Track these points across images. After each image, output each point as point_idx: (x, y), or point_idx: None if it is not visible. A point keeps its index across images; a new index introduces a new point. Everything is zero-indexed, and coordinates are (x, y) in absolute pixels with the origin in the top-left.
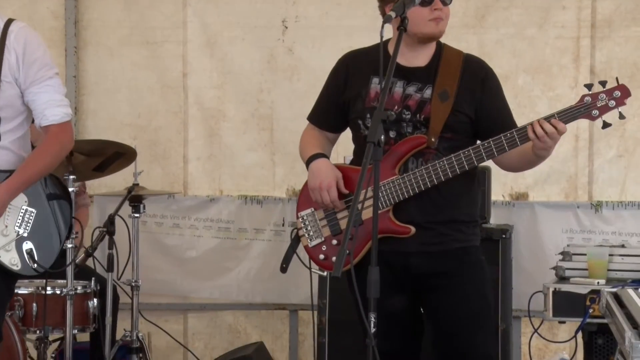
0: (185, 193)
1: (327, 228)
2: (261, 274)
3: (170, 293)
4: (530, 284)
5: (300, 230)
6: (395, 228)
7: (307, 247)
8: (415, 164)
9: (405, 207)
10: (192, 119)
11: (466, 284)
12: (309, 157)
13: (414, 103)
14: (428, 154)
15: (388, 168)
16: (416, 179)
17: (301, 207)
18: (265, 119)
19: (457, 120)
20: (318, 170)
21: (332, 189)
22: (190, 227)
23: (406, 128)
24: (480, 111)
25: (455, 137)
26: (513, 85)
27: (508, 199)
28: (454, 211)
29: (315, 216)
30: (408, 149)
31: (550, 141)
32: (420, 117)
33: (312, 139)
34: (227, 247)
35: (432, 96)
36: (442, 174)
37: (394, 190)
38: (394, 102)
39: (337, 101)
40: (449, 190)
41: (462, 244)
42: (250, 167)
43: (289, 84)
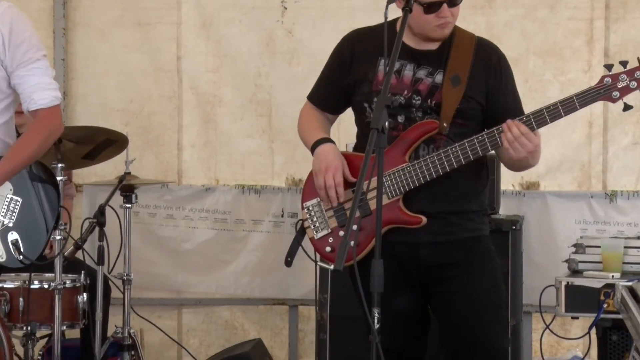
0: (180, 182)
1: (334, 219)
2: (259, 268)
3: (163, 287)
4: (542, 278)
5: (306, 222)
6: (406, 218)
7: (312, 239)
8: (426, 150)
9: (416, 196)
10: (186, 104)
11: (477, 274)
12: (316, 141)
13: (425, 88)
14: (439, 140)
15: (398, 155)
16: (427, 166)
17: (306, 197)
18: (263, 105)
19: (468, 106)
20: (324, 153)
21: (338, 173)
22: (185, 218)
23: (416, 113)
24: (491, 98)
25: (465, 124)
26: (523, 69)
27: (518, 189)
28: (464, 200)
29: (321, 206)
30: (419, 135)
31: (521, 148)
32: (432, 102)
33: (314, 121)
34: (224, 239)
35: (444, 81)
36: (455, 160)
37: (404, 178)
38: (404, 87)
39: (341, 82)
40: (459, 179)
41: (473, 234)
42: (248, 154)
43: (289, 68)
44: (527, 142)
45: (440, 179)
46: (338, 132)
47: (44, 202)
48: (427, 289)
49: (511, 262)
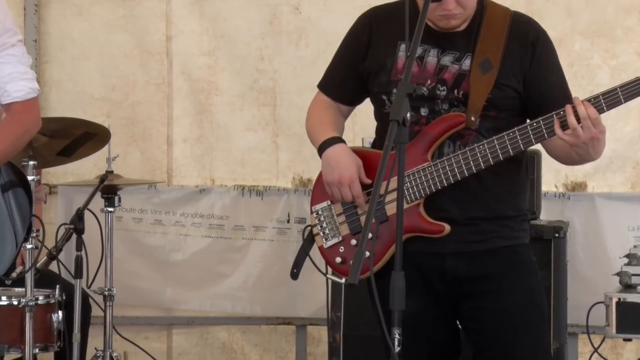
0: (170, 183)
1: (346, 225)
2: (262, 281)
3: (151, 304)
4: (589, 293)
5: (315, 228)
6: (425, 226)
7: (321, 248)
8: (451, 147)
9: (439, 200)
10: (177, 92)
11: (514, 288)
12: (323, 142)
13: (451, 77)
14: (467, 136)
15: (419, 153)
16: (452, 166)
17: (316, 199)
18: (266, 93)
19: (502, 95)
20: (336, 160)
21: (355, 184)
22: (176, 224)
23: (441, 105)
24: (530, 84)
25: (499, 116)
26: (568, 52)
27: (562, 190)
28: (498, 204)
29: (332, 210)
30: (443, 130)
31: (583, 134)
32: (459, 93)
33: (324, 115)
34: (220, 248)
35: (472, 67)
36: (482, 160)
37: (426, 179)
38: (427, 76)
39: (357, 69)
40: (492, 179)
41: (509, 242)
42: (249, 151)
43: (295, 50)
44: (591, 126)
45: (469, 179)
46: (353, 125)
47: (13, 208)
48: (456, 305)
49: (554, 275)
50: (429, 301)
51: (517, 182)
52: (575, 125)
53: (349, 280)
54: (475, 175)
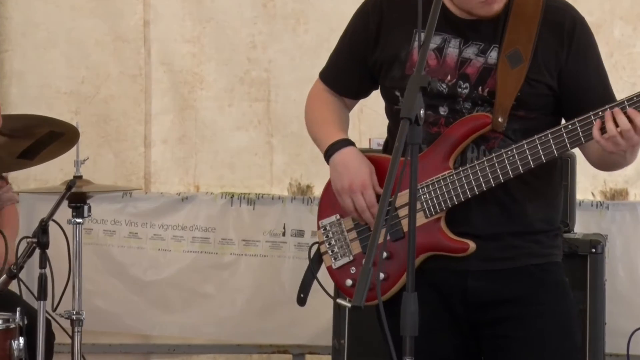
0: (147, 189)
1: (358, 243)
2: (253, 303)
3: (125, 330)
4: (631, 318)
5: (323, 246)
6: (447, 244)
7: (330, 269)
8: (475, 152)
9: (460, 211)
10: (156, 85)
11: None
12: (330, 147)
13: (474, 72)
14: (493, 139)
15: (439, 159)
16: (476, 175)
17: (323, 213)
18: (259, 86)
19: (532, 92)
20: (344, 165)
21: (368, 191)
22: (154, 237)
23: (463, 104)
24: (566, 80)
25: (529, 116)
26: (607, 39)
27: (600, 199)
28: (528, 217)
29: (342, 226)
30: (467, 133)
31: (624, 143)
32: (483, 91)
33: (328, 111)
34: (205, 265)
35: (499, 60)
36: (511, 168)
37: (447, 190)
38: (447, 70)
39: (365, 60)
40: (520, 187)
41: (540, 260)
42: (239, 153)
43: (293, 37)
44: (634, 135)
45: (495, 189)
46: (359, 123)
47: None
48: (478, 331)
49: (590, 296)
50: (447, 327)
51: (549, 190)
52: (614, 132)
53: (354, 303)
54: (501, 183)
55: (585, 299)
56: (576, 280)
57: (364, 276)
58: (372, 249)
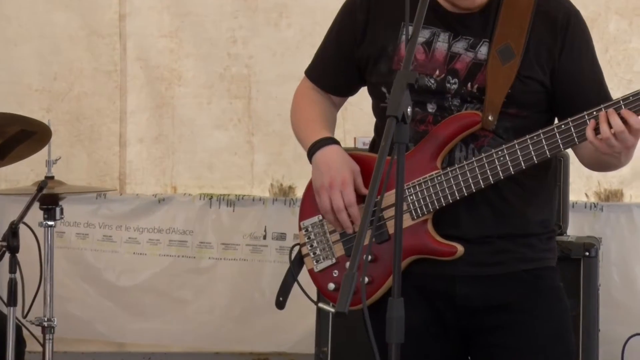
0: (122, 191)
1: (341, 245)
2: (232, 310)
3: (99, 337)
4: (625, 324)
5: (304, 248)
6: (434, 247)
7: (312, 272)
8: (464, 152)
9: (449, 213)
10: (132, 81)
11: (538, 320)
12: (313, 145)
13: (464, 67)
14: (483, 137)
15: (427, 158)
16: (465, 176)
17: (305, 213)
18: (239, 83)
19: (524, 89)
20: (327, 162)
21: (348, 189)
22: (129, 240)
23: (451, 101)
24: (559, 77)
25: (520, 114)
26: (602, 34)
27: (594, 200)
28: (519, 219)
29: (324, 227)
30: (456, 131)
31: (618, 145)
32: (473, 87)
33: (314, 109)
34: (183, 269)
35: (489, 55)
36: (502, 169)
37: (435, 191)
38: (436, 65)
39: (352, 54)
40: (512, 188)
41: (533, 265)
42: (218, 152)
43: (275, 32)
44: (629, 137)
45: (486, 189)
46: (343, 121)
47: None
48: (467, 339)
49: (583, 302)
50: (435, 334)
51: (543, 190)
52: (608, 134)
53: (338, 309)
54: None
55: (579, 305)
56: (569, 285)
57: (348, 281)
58: (357, 252)
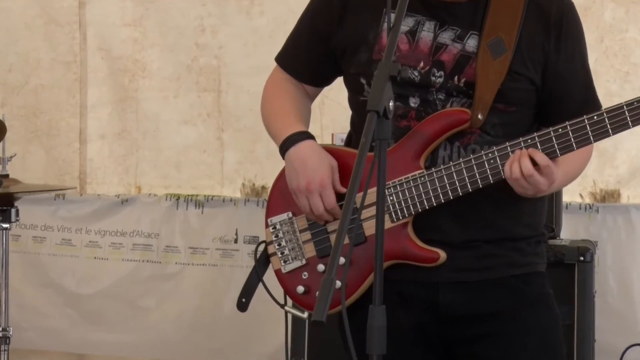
0: (83, 191)
1: (312, 245)
2: (200, 318)
3: (57, 348)
4: (623, 333)
5: (271, 246)
6: (415, 252)
7: (279, 273)
8: (448, 150)
9: (431, 215)
10: (93, 73)
11: (525, 331)
12: (286, 139)
13: (450, 59)
14: (469, 135)
15: (409, 157)
16: (451, 178)
17: (273, 209)
18: (208, 75)
19: (515, 86)
20: (302, 161)
21: (327, 191)
22: (90, 244)
23: (436, 94)
24: (550, 75)
25: (509, 109)
26: (597, 23)
27: (589, 201)
28: (507, 221)
29: (294, 225)
30: (442, 129)
31: (530, 187)
32: (459, 81)
33: (287, 101)
34: (147, 275)
35: (479, 48)
36: (492, 172)
37: (417, 193)
38: (420, 56)
39: (327, 41)
40: (499, 189)
41: (520, 270)
42: (185, 150)
43: (247, 20)
44: (540, 179)
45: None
46: (320, 115)
47: None
48: (451, 350)
49: (578, 310)
50: (417, 345)
51: None
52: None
53: (315, 317)
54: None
55: (573, 313)
56: (562, 292)
57: (326, 286)
58: (336, 255)
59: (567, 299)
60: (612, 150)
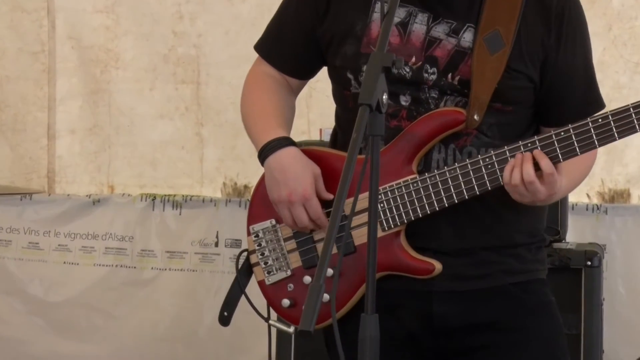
0: (51, 191)
1: (297, 255)
2: (178, 328)
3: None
4: (633, 343)
5: (254, 256)
6: (409, 263)
7: (262, 285)
8: (443, 153)
9: (426, 223)
10: (63, 64)
11: (526, 342)
12: (264, 146)
13: (444, 55)
14: (465, 136)
15: (400, 161)
16: (446, 184)
17: (255, 216)
18: (186, 66)
19: (512, 84)
20: (282, 170)
21: (311, 202)
22: (59, 248)
23: (429, 92)
24: (548, 71)
25: (505, 109)
26: (604, 10)
27: (597, 201)
28: (504, 226)
29: (278, 233)
30: (435, 131)
31: (527, 193)
32: (454, 78)
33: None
34: (121, 282)
35: (475, 43)
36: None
37: (410, 199)
38: (412, 50)
39: (313, 31)
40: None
41: (520, 277)
42: (162, 146)
43: (228, 6)
44: (540, 188)
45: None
46: (307, 109)
47: None
48: None
49: (585, 318)
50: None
51: None
52: (517, 181)
53: (302, 327)
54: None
55: (579, 322)
56: (568, 299)
57: (314, 294)
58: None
59: (573, 307)
60: (622, 147)
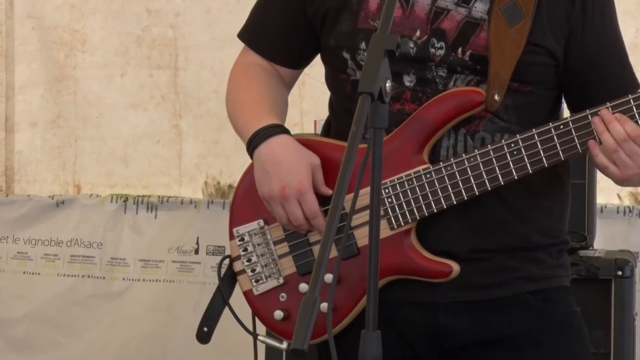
0: (10, 190)
1: (290, 260)
2: (152, 345)
3: None
4: None
5: (238, 262)
6: (423, 265)
7: (249, 295)
8: (452, 139)
9: (431, 222)
10: (22, 47)
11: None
12: (254, 135)
13: (453, 27)
14: (478, 120)
15: (409, 149)
16: (465, 174)
17: (239, 217)
18: (162, 49)
19: (532, 60)
20: (275, 161)
21: (307, 197)
22: (17, 256)
23: (435, 71)
24: (574, 48)
25: (524, 88)
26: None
27: (629, 203)
28: (523, 227)
29: (267, 236)
30: (450, 114)
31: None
32: (464, 54)
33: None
34: (88, 294)
35: (492, 14)
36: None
37: (423, 193)
38: (415, 23)
39: (303, 11)
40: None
41: (539, 285)
42: (135, 140)
43: None
44: (634, 147)
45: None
46: (300, 99)
47: None
48: None
49: (615, 335)
50: None
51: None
52: (614, 147)
53: (294, 345)
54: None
55: (609, 339)
56: (596, 314)
57: (308, 308)
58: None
59: (601, 322)
60: None
